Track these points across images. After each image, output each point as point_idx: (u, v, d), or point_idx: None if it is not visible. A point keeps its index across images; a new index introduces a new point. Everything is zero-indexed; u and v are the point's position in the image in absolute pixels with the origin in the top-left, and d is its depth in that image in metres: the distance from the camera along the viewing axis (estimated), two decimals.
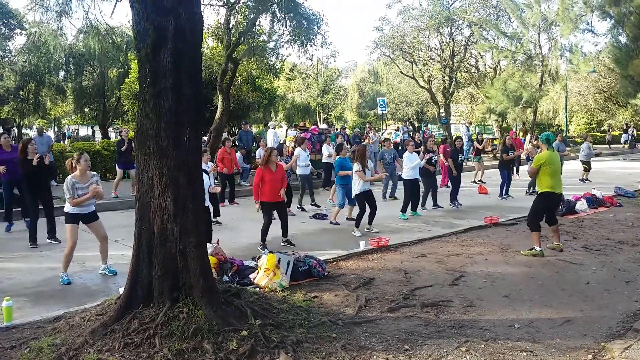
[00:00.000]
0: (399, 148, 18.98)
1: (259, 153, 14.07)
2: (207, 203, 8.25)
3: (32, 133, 33.60)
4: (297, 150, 12.64)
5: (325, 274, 6.81)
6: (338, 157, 10.92)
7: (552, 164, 7.97)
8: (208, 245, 6.08)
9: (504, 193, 13.91)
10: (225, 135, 16.19)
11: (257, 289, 6.09)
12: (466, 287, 6.43)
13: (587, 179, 17.21)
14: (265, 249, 8.36)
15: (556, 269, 7.22)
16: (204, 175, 8.21)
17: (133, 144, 11.50)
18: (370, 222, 9.92)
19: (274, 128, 20.69)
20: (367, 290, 6.30)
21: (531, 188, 14.58)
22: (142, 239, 4.88)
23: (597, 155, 18.90)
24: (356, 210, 10.05)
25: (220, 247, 6.94)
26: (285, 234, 8.83)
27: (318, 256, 7.18)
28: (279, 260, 6.50)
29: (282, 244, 8.79)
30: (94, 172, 7.32)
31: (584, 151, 17.73)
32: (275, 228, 8.76)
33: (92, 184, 6.97)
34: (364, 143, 15.71)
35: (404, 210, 11.27)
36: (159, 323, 4.51)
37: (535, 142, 15.91)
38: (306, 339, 4.68)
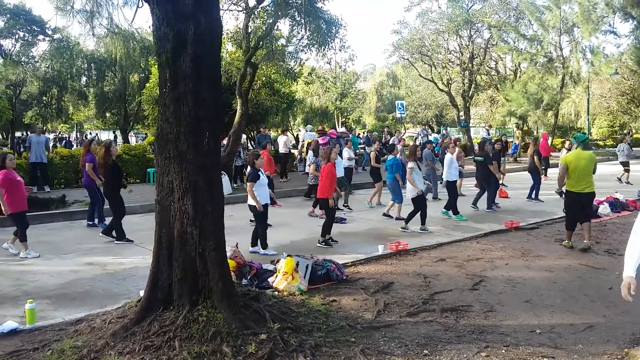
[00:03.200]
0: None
1: (311, 155, 14.17)
2: (268, 200, 8.72)
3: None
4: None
5: (344, 277, 6.79)
6: (391, 156, 11.40)
7: (571, 163, 8.36)
8: (227, 248, 6.11)
9: (533, 196, 13.77)
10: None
11: (276, 293, 6.09)
12: (486, 292, 6.36)
13: (628, 182, 16.77)
14: (329, 245, 8.88)
15: (578, 273, 7.12)
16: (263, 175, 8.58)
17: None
18: (422, 222, 10.15)
19: (311, 131, 20.74)
20: (386, 294, 6.27)
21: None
22: (162, 242, 4.92)
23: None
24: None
25: (239, 250, 6.97)
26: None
27: (337, 260, 7.17)
28: (297, 264, 6.50)
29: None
30: None
31: (623, 152, 17.33)
32: (299, 233, 8.79)
33: None
34: (416, 143, 15.89)
35: (447, 207, 11.49)
36: (178, 326, 4.53)
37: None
38: (325, 343, 4.67)
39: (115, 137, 43.29)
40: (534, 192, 13.78)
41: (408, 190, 10.14)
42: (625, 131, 36.93)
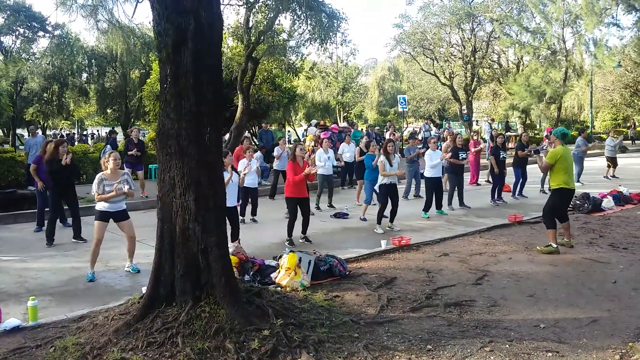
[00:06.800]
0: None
1: (277, 151, 14.04)
2: (235, 203, 8.35)
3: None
4: (319, 151, 12.65)
5: (347, 273, 6.77)
6: (367, 153, 11.05)
7: (567, 160, 7.88)
8: (229, 244, 6.09)
9: (517, 193, 13.46)
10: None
11: (279, 289, 6.08)
12: (490, 287, 6.34)
13: (614, 176, 16.84)
14: (292, 245, 8.53)
15: (582, 267, 7.09)
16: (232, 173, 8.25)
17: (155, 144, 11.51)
18: (391, 220, 9.91)
19: (315, 126, 20.38)
20: (389, 289, 6.25)
21: (544, 185, 14.19)
22: (164, 238, 4.90)
23: (622, 151, 18.50)
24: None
25: (242, 246, 6.95)
26: (304, 231, 8.92)
27: (339, 255, 7.15)
28: (300, 260, 6.48)
29: (300, 240, 8.85)
30: (125, 171, 7.55)
31: (608, 146, 17.36)
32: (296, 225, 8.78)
33: (121, 182, 7.13)
34: (389, 137, 15.70)
35: (426, 209, 11.14)
36: (181, 322, 4.52)
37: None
38: (328, 339, 4.65)
39: (116, 133, 43.30)
40: (518, 187, 13.49)
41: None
42: (628, 124, 36.84)
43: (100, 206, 7.14)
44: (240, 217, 10.58)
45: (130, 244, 7.38)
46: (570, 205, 11.00)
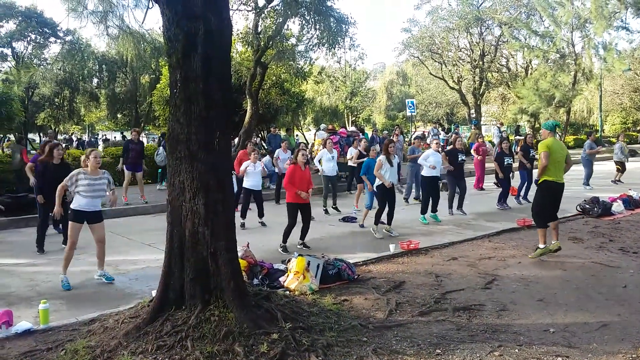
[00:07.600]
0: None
1: (282, 156, 14.08)
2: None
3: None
4: (322, 151, 12.63)
5: (355, 277, 6.78)
6: (366, 158, 10.96)
7: (555, 152, 7.60)
8: (238, 248, 6.11)
9: (521, 197, 13.22)
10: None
11: (287, 292, 6.09)
12: (499, 291, 6.32)
13: (619, 180, 16.70)
14: (286, 251, 8.43)
15: (592, 272, 7.05)
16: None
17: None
18: (389, 223, 9.80)
19: (325, 130, 20.17)
20: (398, 293, 6.24)
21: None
22: (173, 242, 4.93)
23: (632, 155, 18.34)
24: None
25: (250, 250, 6.98)
26: (303, 237, 8.80)
27: (348, 259, 7.15)
28: (308, 264, 6.49)
29: (298, 246, 8.74)
30: (105, 170, 7.41)
31: (616, 151, 17.23)
32: (312, 232, 8.79)
33: (102, 179, 7.11)
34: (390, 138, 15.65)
35: (423, 211, 10.97)
36: (190, 325, 4.55)
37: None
38: (337, 343, 4.66)
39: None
40: (523, 191, 13.25)
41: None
42: (638, 127, 36.59)
43: (76, 205, 6.99)
44: (241, 220, 10.45)
45: (100, 250, 7.18)
46: (579, 209, 10.99)
